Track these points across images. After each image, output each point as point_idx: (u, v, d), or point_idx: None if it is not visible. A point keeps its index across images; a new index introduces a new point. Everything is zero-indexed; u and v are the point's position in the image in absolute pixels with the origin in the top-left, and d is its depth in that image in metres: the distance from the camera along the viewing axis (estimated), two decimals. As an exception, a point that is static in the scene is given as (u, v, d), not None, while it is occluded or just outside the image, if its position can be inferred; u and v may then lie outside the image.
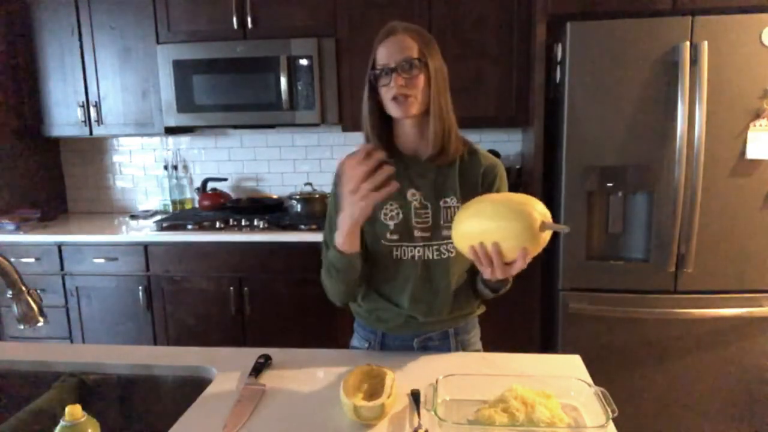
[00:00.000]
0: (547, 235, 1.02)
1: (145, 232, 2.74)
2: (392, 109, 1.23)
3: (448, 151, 1.27)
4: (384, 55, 1.22)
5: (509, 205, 1.02)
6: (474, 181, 1.30)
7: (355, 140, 1.29)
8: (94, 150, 3.31)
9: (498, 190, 1.31)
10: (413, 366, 1.26)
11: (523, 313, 2.52)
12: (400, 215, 1.28)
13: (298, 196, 2.92)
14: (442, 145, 1.26)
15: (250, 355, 1.29)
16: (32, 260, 2.76)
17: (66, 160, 3.34)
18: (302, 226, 2.67)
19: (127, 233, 2.73)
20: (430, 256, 1.29)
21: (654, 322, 2.25)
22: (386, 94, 1.23)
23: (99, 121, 2.92)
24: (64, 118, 2.95)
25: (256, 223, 2.72)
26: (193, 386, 1.25)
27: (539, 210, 1.01)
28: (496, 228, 1.02)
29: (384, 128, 1.30)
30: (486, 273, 1.07)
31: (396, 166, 1.30)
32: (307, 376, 1.23)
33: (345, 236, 1.17)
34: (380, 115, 1.28)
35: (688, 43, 2.06)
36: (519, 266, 1.04)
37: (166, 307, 2.72)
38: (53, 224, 3.00)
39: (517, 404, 0.99)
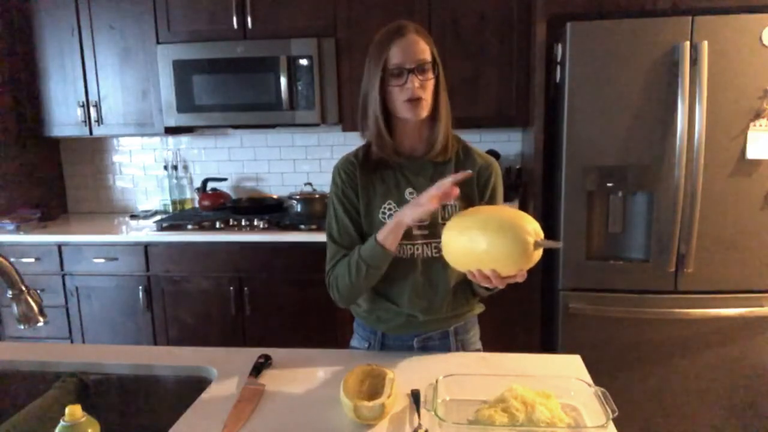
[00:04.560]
0: (540, 250, 1.06)
1: (145, 232, 2.74)
2: (405, 111, 1.24)
3: (447, 150, 1.32)
4: (399, 54, 1.21)
5: (502, 232, 1.04)
6: (470, 180, 1.30)
7: (355, 140, 1.27)
8: (94, 150, 3.31)
9: (494, 188, 1.34)
10: (413, 366, 1.26)
11: (523, 313, 2.52)
12: (399, 214, 1.29)
13: (298, 196, 2.91)
14: (445, 145, 1.31)
15: (250, 355, 1.29)
16: (32, 260, 2.76)
17: (66, 160, 3.34)
18: (302, 226, 2.67)
19: (127, 233, 2.73)
20: (429, 254, 1.29)
21: (654, 322, 2.25)
22: (399, 94, 1.23)
23: (99, 121, 2.92)
24: (64, 118, 2.95)
25: (256, 223, 2.71)
26: (193, 386, 1.25)
27: (531, 231, 1.04)
28: (492, 258, 1.06)
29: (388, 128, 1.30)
30: (484, 284, 1.12)
31: (393, 165, 1.31)
32: (307, 376, 1.23)
33: (395, 233, 1.20)
34: (385, 116, 1.28)
35: (688, 43, 2.06)
36: (517, 280, 1.10)
37: (166, 307, 2.72)
38: (53, 224, 3.00)
39: (517, 404, 0.99)
